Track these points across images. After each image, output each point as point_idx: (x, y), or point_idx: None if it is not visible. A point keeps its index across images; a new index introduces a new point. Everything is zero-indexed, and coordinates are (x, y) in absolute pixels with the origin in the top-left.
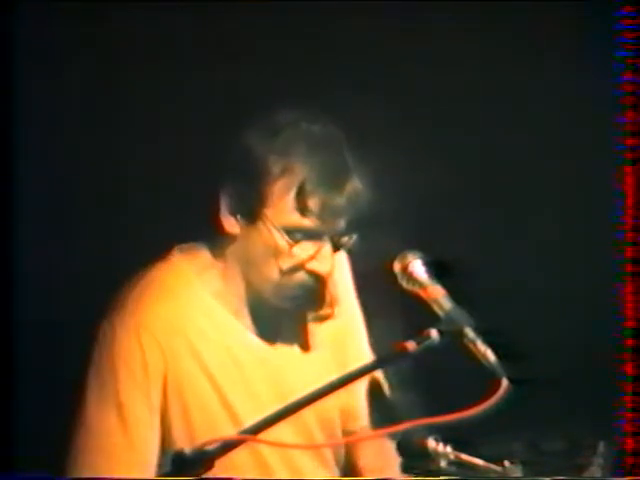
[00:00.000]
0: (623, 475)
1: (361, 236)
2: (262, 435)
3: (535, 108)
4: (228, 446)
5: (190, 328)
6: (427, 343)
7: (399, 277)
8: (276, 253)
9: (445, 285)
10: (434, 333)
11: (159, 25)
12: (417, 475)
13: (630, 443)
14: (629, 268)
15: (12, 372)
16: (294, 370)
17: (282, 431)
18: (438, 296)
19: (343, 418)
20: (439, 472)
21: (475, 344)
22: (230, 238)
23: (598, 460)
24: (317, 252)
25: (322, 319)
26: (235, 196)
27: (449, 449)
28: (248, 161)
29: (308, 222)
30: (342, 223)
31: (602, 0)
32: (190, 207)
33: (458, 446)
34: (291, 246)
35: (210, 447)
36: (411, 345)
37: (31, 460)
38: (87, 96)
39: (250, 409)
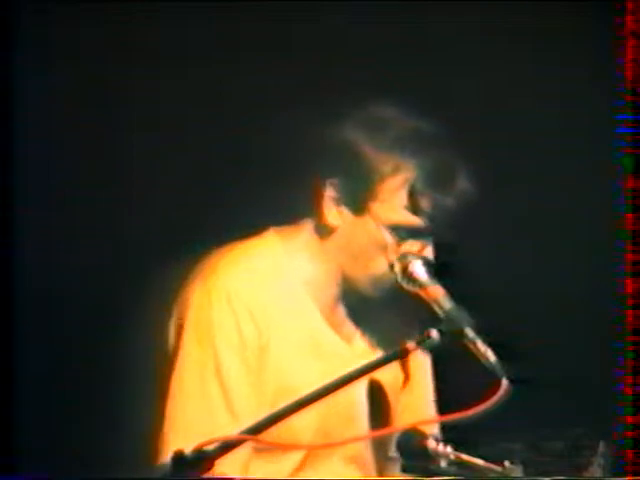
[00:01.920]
0: (623, 475)
1: None
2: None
3: (535, 108)
4: (228, 446)
5: (271, 304)
6: (427, 343)
7: (399, 277)
8: (381, 247)
9: (445, 285)
10: (434, 333)
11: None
12: (417, 475)
13: (630, 443)
14: (629, 268)
15: (12, 372)
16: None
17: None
18: (438, 296)
19: None
20: (439, 472)
21: (475, 344)
22: (330, 228)
23: (598, 460)
24: (423, 248)
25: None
26: (341, 189)
27: (449, 449)
28: (357, 159)
29: (418, 220)
30: (449, 223)
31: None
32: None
33: (458, 446)
34: (399, 245)
35: (210, 447)
36: (411, 345)
37: (31, 462)
38: (86, 96)
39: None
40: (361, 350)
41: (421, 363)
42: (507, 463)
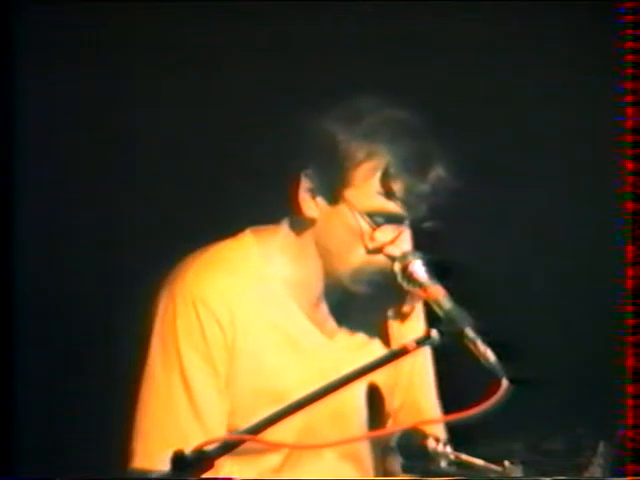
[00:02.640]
0: (623, 475)
1: None
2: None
3: (536, 109)
4: (228, 446)
5: (246, 306)
6: (427, 343)
7: (399, 277)
8: (358, 236)
9: (445, 285)
10: (434, 333)
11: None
12: (417, 475)
13: (630, 443)
14: (629, 269)
15: (12, 373)
16: (352, 363)
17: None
18: (438, 296)
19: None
20: (439, 472)
21: (475, 344)
22: (308, 221)
23: (598, 460)
24: (397, 237)
25: (404, 317)
26: (316, 179)
27: (449, 449)
28: (330, 145)
29: (392, 206)
30: (424, 209)
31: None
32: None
33: (458, 446)
34: (373, 230)
35: (210, 447)
36: (411, 345)
37: (31, 463)
38: (86, 96)
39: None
40: (345, 346)
41: (422, 362)
42: (507, 463)
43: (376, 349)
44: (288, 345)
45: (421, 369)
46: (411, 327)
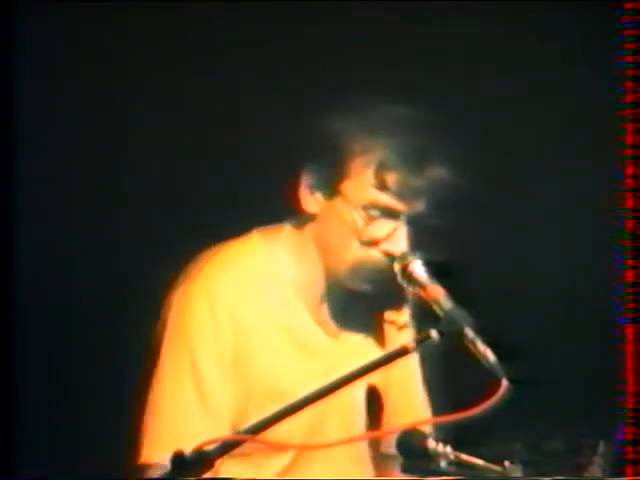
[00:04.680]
0: (623, 475)
1: None
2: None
3: (536, 108)
4: (228, 446)
5: (255, 307)
6: (427, 343)
7: (399, 277)
8: (352, 230)
9: (445, 285)
10: (434, 333)
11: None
12: (417, 475)
13: (630, 443)
14: (629, 268)
15: (12, 373)
16: (355, 363)
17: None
18: (438, 296)
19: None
20: (439, 472)
21: (475, 344)
22: (309, 218)
23: (598, 460)
24: (392, 233)
25: (400, 327)
26: (315, 174)
27: (449, 449)
28: (329, 140)
29: (385, 198)
30: (421, 206)
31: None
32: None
33: (458, 446)
34: (367, 223)
35: (209, 447)
36: (411, 345)
37: (31, 462)
38: (86, 96)
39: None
40: (347, 345)
41: (408, 363)
42: (507, 463)
43: (377, 350)
44: (296, 346)
45: (406, 371)
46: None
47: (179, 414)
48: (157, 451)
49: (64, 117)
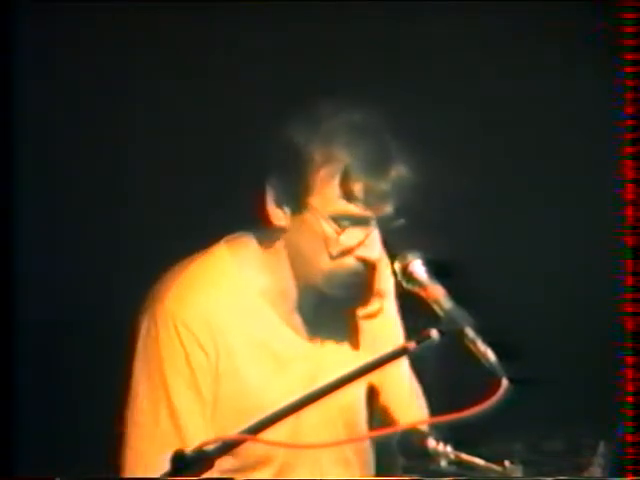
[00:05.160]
0: (623, 475)
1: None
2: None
3: (536, 108)
4: (228, 446)
5: (227, 324)
6: (427, 343)
7: (399, 277)
8: (324, 241)
9: (445, 285)
10: (434, 333)
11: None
12: (417, 475)
13: (630, 443)
14: (630, 268)
15: (12, 373)
16: (337, 368)
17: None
18: (438, 296)
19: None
20: (439, 472)
21: (475, 344)
22: (278, 231)
23: (598, 460)
24: (365, 238)
25: (372, 315)
26: (280, 187)
27: (449, 449)
28: (291, 152)
29: (354, 208)
30: (389, 208)
31: None
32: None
33: (458, 446)
34: (339, 233)
35: (210, 447)
36: (411, 345)
37: (31, 462)
38: (86, 96)
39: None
40: (325, 349)
41: (398, 364)
42: (507, 463)
43: (353, 349)
44: (270, 358)
45: (395, 371)
46: (382, 324)
47: (154, 438)
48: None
49: (64, 117)
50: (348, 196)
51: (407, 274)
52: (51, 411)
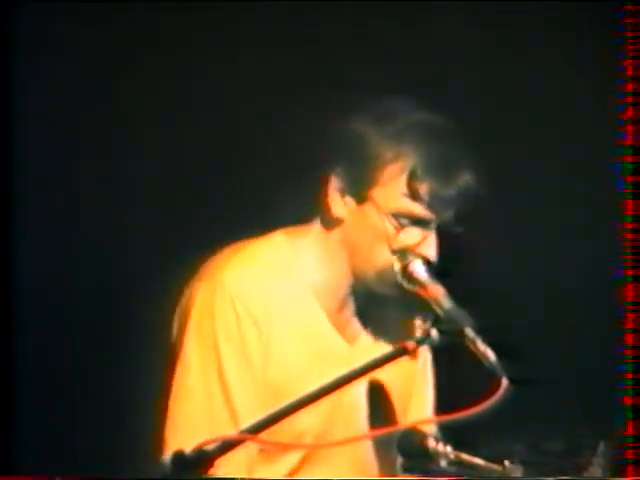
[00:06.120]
0: (623, 475)
1: None
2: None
3: (536, 108)
4: (228, 446)
5: (280, 309)
6: (427, 342)
7: (399, 277)
8: (382, 236)
9: (445, 285)
10: (434, 332)
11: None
12: (417, 475)
13: (630, 443)
14: (630, 268)
15: (12, 372)
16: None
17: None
18: (438, 295)
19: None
20: (439, 471)
21: (475, 344)
22: (337, 221)
23: (598, 460)
24: (424, 239)
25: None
26: (345, 178)
27: (449, 448)
28: (361, 145)
29: (417, 208)
30: (451, 214)
31: None
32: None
33: (458, 446)
34: (398, 230)
35: (210, 447)
36: (411, 344)
37: (31, 462)
38: (86, 96)
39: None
40: (364, 351)
41: (423, 365)
42: (507, 463)
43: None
44: (311, 350)
45: (421, 371)
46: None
47: (206, 411)
48: (181, 443)
49: (64, 117)
50: (412, 195)
51: (407, 274)
52: (51, 411)
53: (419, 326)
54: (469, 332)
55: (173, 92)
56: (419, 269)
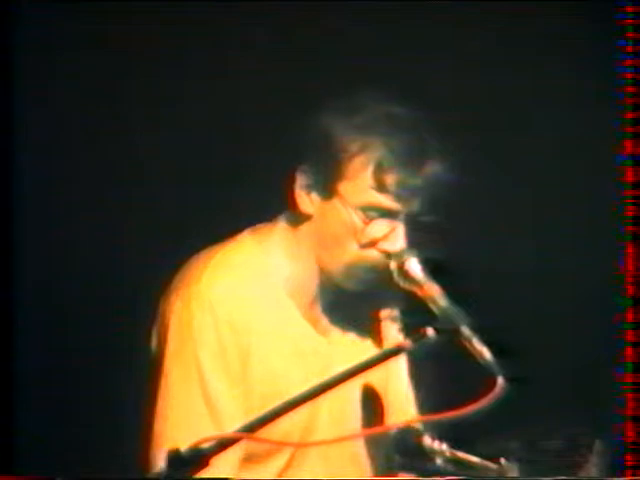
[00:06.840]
0: (622, 475)
1: None
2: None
3: (536, 108)
4: (224, 444)
5: (255, 309)
6: (423, 341)
7: (395, 275)
8: (350, 231)
9: (442, 283)
10: (430, 331)
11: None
12: (414, 474)
13: (628, 442)
14: (630, 268)
15: (12, 372)
16: (349, 361)
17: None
18: (434, 294)
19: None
20: (435, 470)
21: (471, 342)
22: (304, 217)
23: (594, 459)
24: (390, 232)
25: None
26: (311, 173)
27: (445, 447)
28: (326, 139)
29: (384, 200)
30: (418, 204)
31: None
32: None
33: (454, 444)
34: (365, 224)
35: (206, 445)
36: (407, 343)
37: (31, 462)
38: (86, 95)
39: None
40: (339, 344)
41: (397, 362)
42: (503, 461)
43: (369, 347)
44: (290, 348)
45: (395, 369)
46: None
47: (187, 421)
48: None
49: (64, 117)
50: (379, 187)
51: (403, 272)
52: (51, 411)
53: (386, 317)
54: (465, 331)
55: (173, 92)
56: (415, 267)
